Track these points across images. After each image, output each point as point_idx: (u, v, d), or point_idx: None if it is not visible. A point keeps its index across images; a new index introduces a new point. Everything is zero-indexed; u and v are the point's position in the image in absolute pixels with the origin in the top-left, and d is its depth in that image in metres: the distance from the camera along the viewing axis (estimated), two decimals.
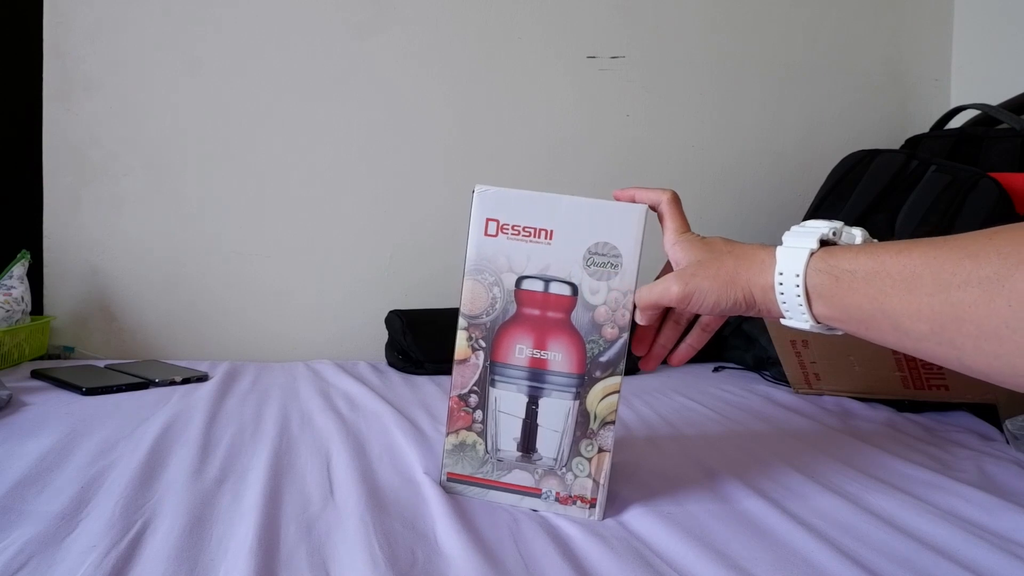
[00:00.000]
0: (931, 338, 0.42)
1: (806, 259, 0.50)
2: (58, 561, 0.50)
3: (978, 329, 0.39)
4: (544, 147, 1.45)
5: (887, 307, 0.44)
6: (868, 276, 0.46)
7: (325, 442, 0.79)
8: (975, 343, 0.39)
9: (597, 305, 0.62)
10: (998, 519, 0.64)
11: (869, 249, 0.48)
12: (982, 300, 0.38)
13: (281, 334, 1.37)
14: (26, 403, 0.90)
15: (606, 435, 0.63)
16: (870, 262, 0.46)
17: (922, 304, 0.42)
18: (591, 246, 0.62)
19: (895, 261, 0.44)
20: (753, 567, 0.54)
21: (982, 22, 1.64)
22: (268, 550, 0.53)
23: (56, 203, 1.29)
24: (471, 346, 0.64)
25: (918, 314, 0.42)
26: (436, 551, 0.55)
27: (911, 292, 0.42)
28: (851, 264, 0.48)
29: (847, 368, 1.04)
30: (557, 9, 1.46)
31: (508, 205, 0.63)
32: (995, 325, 0.37)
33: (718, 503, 0.67)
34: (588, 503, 0.63)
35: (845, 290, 0.48)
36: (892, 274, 0.44)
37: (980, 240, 0.40)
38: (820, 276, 0.50)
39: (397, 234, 1.41)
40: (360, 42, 1.38)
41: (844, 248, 0.50)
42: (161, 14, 1.30)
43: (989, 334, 0.38)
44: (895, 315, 0.44)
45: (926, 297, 0.41)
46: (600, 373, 0.63)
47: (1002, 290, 0.37)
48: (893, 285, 0.44)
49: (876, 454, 0.82)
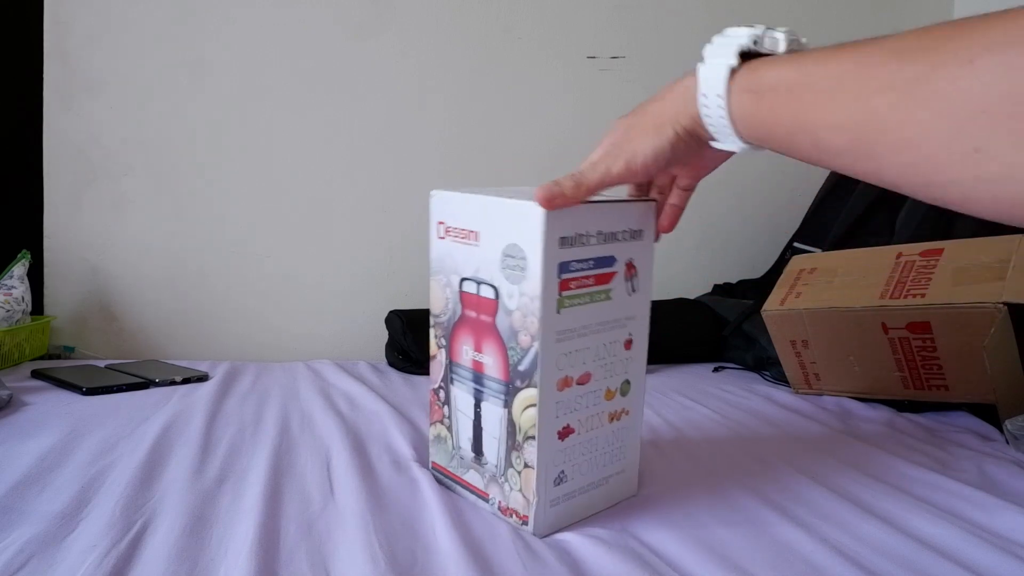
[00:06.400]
0: (849, 152, 0.39)
1: (726, 77, 0.46)
2: (58, 561, 0.50)
3: (897, 138, 0.36)
4: (544, 147, 1.45)
5: (807, 121, 0.41)
6: (791, 88, 0.42)
7: (325, 442, 0.79)
8: (893, 153, 0.37)
9: (512, 310, 0.58)
10: (998, 519, 0.64)
11: (795, 58, 0.44)
12: (901, 104, 0.35)
13: (281, 334, 1.37)
14: (26, 403, 0.90)
15: (530, 450, 0.59)
16: (794, 73, 0.43)
17: (841, 114, 0.39)
18: (504, 248, 0.58)
19: (820, 69, 0.41)
20: (753, 568, 0.54)
21: None
22: (268, 550, 0.53)
23: (56, 203, 1.29)
24: (437, 343, 0.66)
25: (838, 126, 0.39)
26: (436, 551, 0.55)
27: (833, 101, 0.39)
28: (774, 78, 0.44)
29: (847, 368, 1.04)
30: (557, 9, 1.46)
31: (451, 207, 0.63)
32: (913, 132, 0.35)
33: (718, 503, 0.67)
34: (521, 519, 0.61)
35: (767, 108, 0.44)
36: (815, 84, 0.41)
37: (910, 39, 0.36)
38: (743, 96, 0.46)
39: (397, 234, 1.41)
40: (360, 42, 1.38)
41: (768, 60, 0.46)
42: (161, 15, 1.30)
43: (906, 142, 0.35)
44: (815, 128, 0.41)
45: (847, 105, 0.38)
46: (520, 383, 0.59)
47: (923, 90, 0.34)
48: (815, 96, 0.41)
49: (876, 454, 0.82)
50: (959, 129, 0.33)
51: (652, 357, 0.62)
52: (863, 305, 0.97)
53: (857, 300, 0.98)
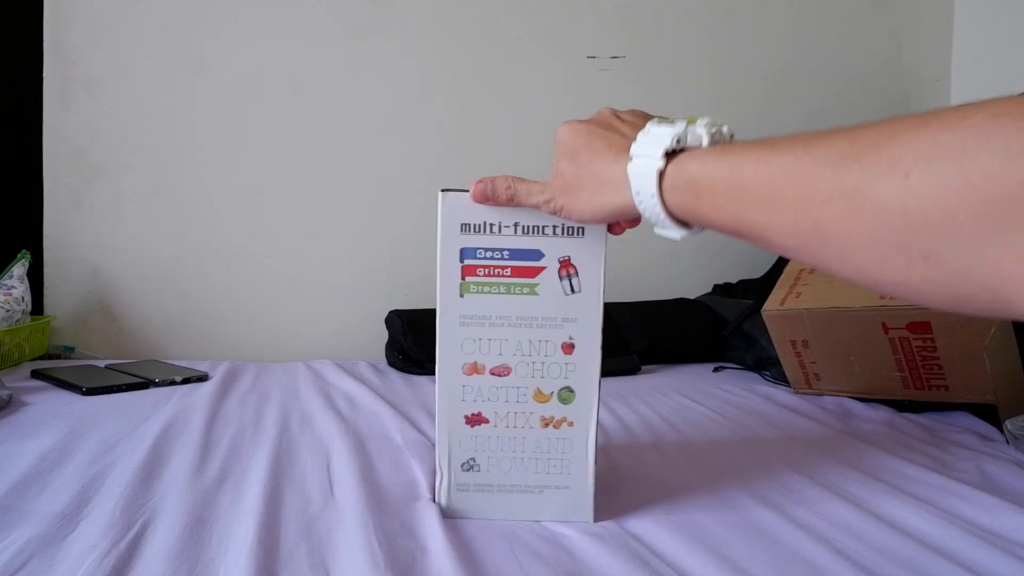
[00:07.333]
0: (797, 251, 0.40)
1: (656, 179, 0.47)
2: (58, 561, 0.50)
3: (841, 245, 0.37)
4: (544, 147, 1.44)
5: (751, 223, 0.42)
6: (728, 192, 0.43)
7: (325, 442, 0.79)
8: (839, 257, 0.38)
9: None
10: (998, 519, 0.64)
11: (726, 158, 0.44)
12: (845, 216, 0.36)
13: (281, 334, 1.37)
14: (26, 403, 0.90)
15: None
16: (728, 175, 0.43)
17: (785, 221, 0.40)
18: None
19: (754, 174, 0.41)
20: (753, 568, 0.54)
21: (982, 22, 1.64)
22: (268, 550, 0.53)
23: (56, 203, 1.29)
24: None
25: (781, 230, 0.40)
26: (436, 551, 0.55)
27: (773, 209, 0.40)
28: (709, 179, 0.45)
29: (847, 368, 1.04)
30: (557, 9, 1.46)
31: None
32: (858, 240, 0.36)
33: (718, 504, 0.67)
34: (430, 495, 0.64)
35: (706, 208, 0.45)
36: (752, 189, 0.41)
37: (842, 144, 0.37)
38: (678, 194, 0.47)
39: (397, 234, 1.41)
40: (360, 42, 1.38)
41: (697, 157, 0.46)
42: (161, 15, 1.30)
43: (853, 246, 0.36)
44: (760, 230, 0.42)
45: (789, 215, 0.39)
46: None
47: (864, 203, 0.35)
48: (754, 202, 0.41)
49: (876, 454, 0.82)
50: (903, 239, 0.34)
51: (652, 357, 0.61)
52: (863, 305, 0.97)
53: (857, 300, 0.98)
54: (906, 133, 0.34)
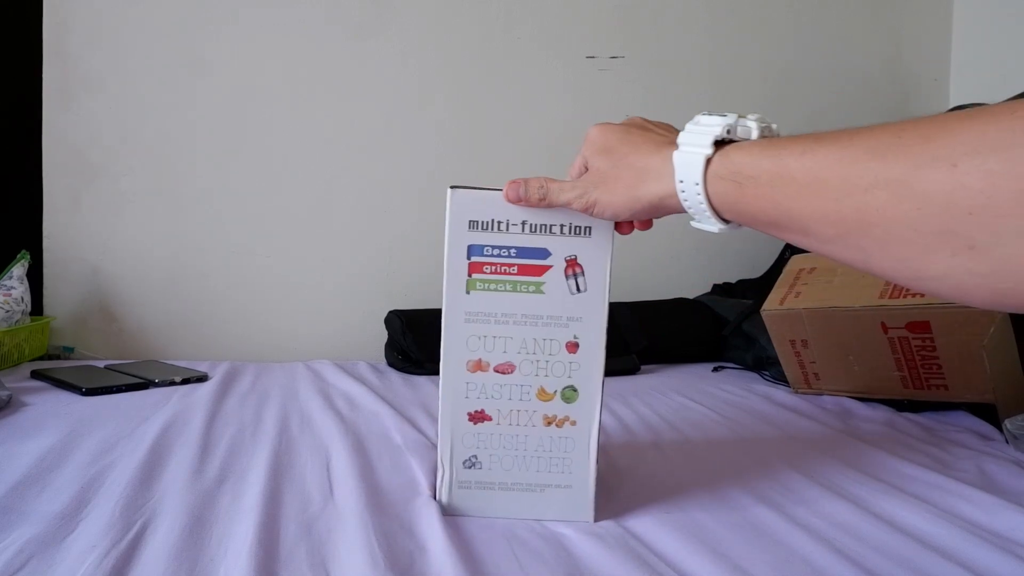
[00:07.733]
0: (838, 241, 0.41)
1: (703, 167, 0.48)
2: (58, 561, 0.50)
3: (885, 233, 0.37)
4: (544, 147, 1.45)
5: (793, 212, 0.42)
6: (772, 181, 0.44)
7: (325, 442, 0.79)
8: (882, 247, 0.38)
9: None
10: (998, 519, 0.64)
11: (771, 149, 0.45)
12: (890, 203, 0.36)
13: (281, 334, 1.37)
14: (26, 403, 0.90)
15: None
16: (773, 165, 0.44)
17: (828, 209, 0.40)
18: None
19: (799, 164, 0.42)
20: (753, 568, 0.54)
21: (982, 21, 1.64)
22: (268, 550, 0.53)
23: (56, 203, 1.29)
24: None
25: (825, 218, 0.40)
26: (435, 551, 0.55)
27: (817, 197, 0.41)
28: (753, 169, 0.45)
29: (847, 368, 1.04)
30: (557, 9, 1.46)
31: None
32: (902, 228, 0.36)
33: (718, 504, 0.67)
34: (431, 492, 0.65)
35: (750, 197, 0.46)
36: (796, 178, 0.42)
37: (887, 137, 0.38)
38: (722, 183, 0.47)
39: (397, 234, 1.41)
40: (360, 42, 1.38)
41: (743, 148, 0.47)
42: (161, 15, 1.30)
43: (896, 238, 0.37)
44: (802, 219, 0.42)
45: (833, 202, 0.40)
46: None
47: (911, 191, 0.35)
48: (798, 190, 0.42)
49: (875, 454, 0.82)
50: (948, 227, 0.34)
51: (652, 357, 0.61)
52: (863, 304, 0.97)
53: (857, 300, 0.98)
54: (955, 126, 0.35)
